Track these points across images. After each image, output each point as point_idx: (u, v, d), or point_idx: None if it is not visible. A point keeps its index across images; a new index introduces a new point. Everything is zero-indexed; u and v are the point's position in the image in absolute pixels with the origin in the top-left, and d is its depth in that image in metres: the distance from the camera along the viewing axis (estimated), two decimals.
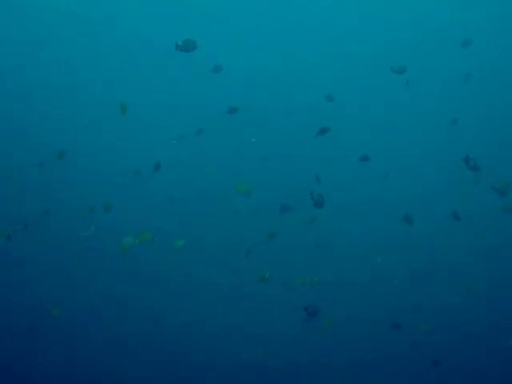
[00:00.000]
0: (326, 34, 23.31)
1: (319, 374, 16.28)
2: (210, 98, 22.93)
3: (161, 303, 17.52)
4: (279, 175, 20.83)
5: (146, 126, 22.93)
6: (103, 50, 23.59)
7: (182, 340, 16.69)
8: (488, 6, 20.64)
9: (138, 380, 15.48)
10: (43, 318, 15.80)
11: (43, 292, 16.28)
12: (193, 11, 22.96)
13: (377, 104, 22.97)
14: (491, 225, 19.54)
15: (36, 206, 16.43)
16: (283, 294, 16.45)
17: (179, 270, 18.43)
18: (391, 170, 20.58)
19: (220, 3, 22.90)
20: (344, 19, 22.78)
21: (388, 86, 21.12)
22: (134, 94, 22.62)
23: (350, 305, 16.46)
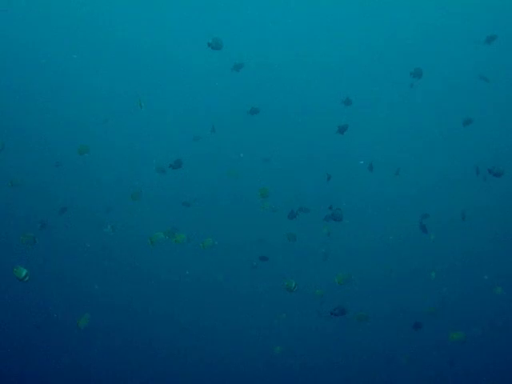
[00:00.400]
0: (334, 34, 23.40)
1: (323, 374, 16.35)
2: (216, 99, 22.96)
3: (168, 304, 17.53)
4: (286, 177, 20.84)
5: (157, 127, 22.94)
6: (118, 50, 23.62)
7: (184, 339, 16.72)
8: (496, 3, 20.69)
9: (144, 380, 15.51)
10: (48, 318, 15.80)
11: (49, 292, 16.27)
12: (200, 11, 23.00)
13: (385, 105, 23.02)
14: (496, 224, 19.67)
15: (50, 205, 16.41)
16: (290, 295, 16.43)
17: (186, 269, 18.48)
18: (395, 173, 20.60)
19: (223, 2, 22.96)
20: (352, 21, 22.86)
21: (396, 87, 21.18)
22: (146, 94, 22.58)
23: (358, 305, 16.47)
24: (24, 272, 7.14)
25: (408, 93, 19.81)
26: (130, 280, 17.89)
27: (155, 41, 23.84)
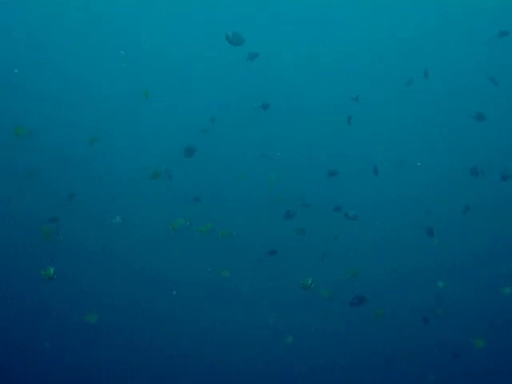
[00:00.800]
0: (333, 34, 23.39)
1: (324, 374, 16.36)
2: (217, 97, 22.91)
3: (170, 302, 17.46)
4: (290, 175, 20.81)
5: (161, 125, 22.86)
6: (124, 46, 23.50)
7: (186, 338, 16.65)
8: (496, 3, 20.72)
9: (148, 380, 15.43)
10: (52, 317, 15.68)
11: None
12: (204, 8, 22.93)
13: (386, 105, 23.04)
14: (498, 224, 19.77)
15: (57, 200, 16.31)
16: (290, 294, 16.44)
17: (188, 268, 18.42)
18: (398, 174, 20.69)
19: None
20: (352, 20, 22.87)
21: (396, 87, 21.19)
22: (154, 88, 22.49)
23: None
24: (52, 270, 7.12)
25: (408, 93, 19.88)
26: (130, 278, 17.82)
27: (158, 39, 23.77)
